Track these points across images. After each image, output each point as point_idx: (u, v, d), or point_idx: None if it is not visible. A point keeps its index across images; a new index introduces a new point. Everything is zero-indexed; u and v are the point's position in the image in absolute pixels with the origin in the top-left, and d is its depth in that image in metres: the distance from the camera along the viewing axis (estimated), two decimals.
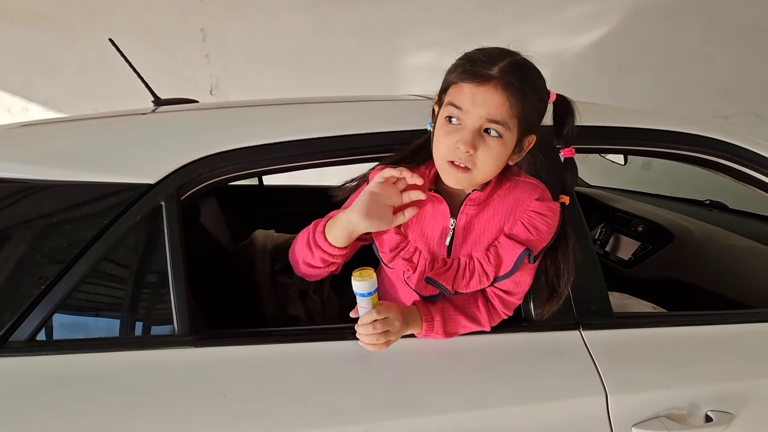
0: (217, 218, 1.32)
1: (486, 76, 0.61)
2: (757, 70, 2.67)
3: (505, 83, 0.60)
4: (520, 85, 0.61)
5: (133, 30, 2.75)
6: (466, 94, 0.62)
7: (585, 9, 2.69)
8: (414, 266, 0.71)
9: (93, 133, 0.78)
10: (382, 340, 0.65)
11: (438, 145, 0.66)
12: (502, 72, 0.61)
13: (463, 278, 0.71)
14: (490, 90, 0.61)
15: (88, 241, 0.65)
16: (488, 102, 0.61)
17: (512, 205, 0.70)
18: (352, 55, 2.78)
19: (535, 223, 0.69)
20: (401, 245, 0.72)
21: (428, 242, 0.72)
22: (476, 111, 0.61)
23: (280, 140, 0.73)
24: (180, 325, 0.66)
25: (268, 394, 0.64)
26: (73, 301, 0.65)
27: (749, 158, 0.88)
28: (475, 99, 0.61)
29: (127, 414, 0.61)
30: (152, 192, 0.68)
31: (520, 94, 0.61)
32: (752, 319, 0.85)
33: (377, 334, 0.64)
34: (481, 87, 0.61)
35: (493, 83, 0.60)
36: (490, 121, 0.62)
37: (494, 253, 0.70)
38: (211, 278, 0.99)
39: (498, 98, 0.61)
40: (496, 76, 0.60)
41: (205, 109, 0.88)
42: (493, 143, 0.63)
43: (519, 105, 0.61)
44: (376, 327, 0.64)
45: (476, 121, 0.62)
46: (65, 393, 0.62)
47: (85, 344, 0.65)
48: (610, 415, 0.71)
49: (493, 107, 0.61)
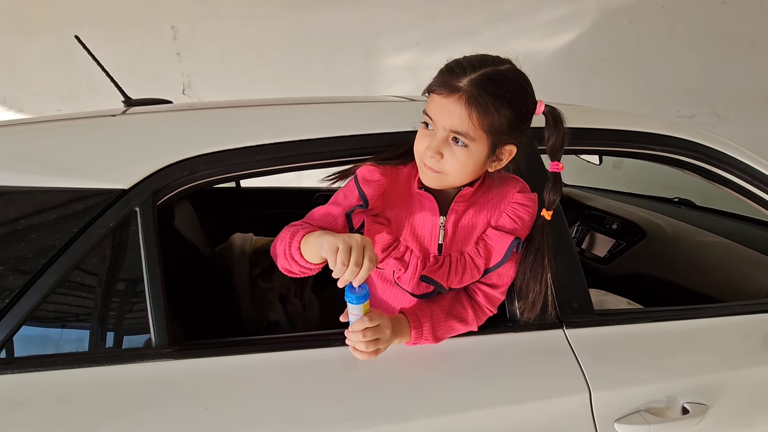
0: (192, 222, 1.28)
1: (453, 88, 0.61)
2: (717, 72, 2.80)
3: (468, 96, 0.60)
4: (484, 99, 0.60)
5: (99, 27, 2.64)
6: (435, 104, 0.64)
7: (557, 13, 2.76)
8: (406, 265, 0.71)
9: (61, 136, 0.74)
10: (371, 348, 0.64)
11: (416, 146, 0.68)
12: (470, 84, 0.60)
13: (456, 274, 0.72)
14: (453, 102, 0.61)
15: (57, 251, 0.61)
16: (451, 113, 0.62)
17: (497, 199, 0.73)
18: (329, 56, 2.76)
19: (518, 213, 0.72)
20: (392, 245, 0.71)
21: (419, 240, 0.72)
22: (441, 122, 0.63)
23: (263, 143, 0.71)
24: (157, 337, 0.62)
25: (253, 406, 0.62)
26: (41, 314, 0.61)
27: (718, 158, 0.91)
28: (441, 110, 0.63)
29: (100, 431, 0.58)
30: (126, 197, 0.64)
31: (484, 108, 0.60)
32: (723, 312, 0.89)
33: (367, 341, 0.63)
34: (446, 99, 0.62)
35: (457, 96, 0.61)
36: (453, 131, 0.63)
37: (483, 246, 0.72)
38: (187, 285, 0.96)
39: (459, 111, 0.61)
40: (462, 89, 0.61)
41: (181, 110, 0.85)
42: (458, 151, 0.64)
43: (483, 118, 0.61)
44: (367, 335, 0.63)
45: (442, 131, 0.64)
46: (32, 415, 0.58)
47: (55, 360, 0.61)
48: (594, 412, 0.73)
49: (456, 119, 0.61)
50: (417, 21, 2.71)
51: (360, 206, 0.69)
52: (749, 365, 0.83)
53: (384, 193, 0.72)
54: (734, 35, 2.75)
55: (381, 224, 0.71)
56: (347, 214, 0.70)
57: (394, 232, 0.72)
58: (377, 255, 0.70)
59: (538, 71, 2.87)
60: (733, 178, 0.94)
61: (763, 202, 0.96)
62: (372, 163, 0.71)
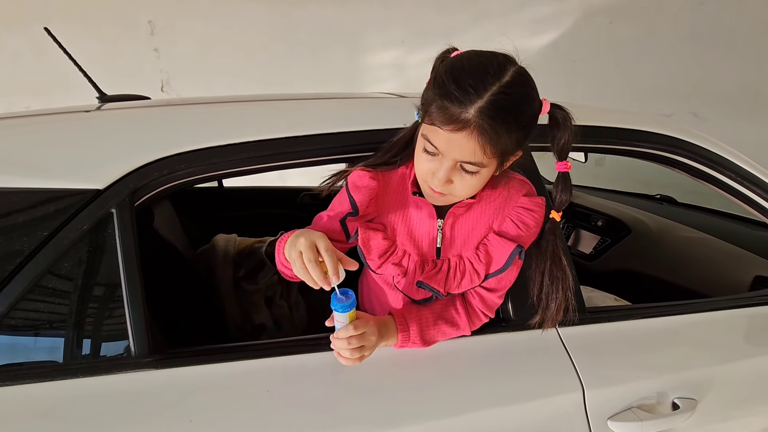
0: (173, 223, 1.23)
1: (461, 123, 0.55)
2: (694, 72, 2.87)
3: (481, 130, 0.55)
4: (497, 129, 0.55)
5: (72, 21, 2.54)
6: (441, 137, 0.57)
7: (540, 12, 2.79)
8: (404, 270, 0.69)
9: (31, 133, 0.69)
10: (356, 355, 0.62)
11: (417, 165, 0.64)
12: (479, 117, 0.54)
13: (455, 279, 0.69)
14: (464, 137, 0.55)
15: (26, 255, 0.57)
16: (462, 148, 0.57)
17: (501, 202, 0.69)
18: (313, 53, 2.72)
19: (523, 218, 0.68)
20: (390, 250, 0.69)
21: (417, 245, 0.69)
22: (450, 154, 0.58)
23: (247, 140, 0.68)
24: (137, 346, 0.59)
25: (241, 415, 0.59)
26: (10, 323, 0.57)
27: (705, 156, 0.92)
28: (450, 144, 0.57)
29: None
30: (101, 198, 0.60)
31: (497, 137, 0.55)
32: (710, 307, 0.90)
33: (352, 348, 0.62)
34: (455, 134, 0.56)
35: (468, 130, 0.55)
36: (464, 162, 0.59)
37: (484, 251, 0.68)
38: (168, 289, 0.92)
39: (472, 145, 0.56)
40: (472, 122, 0.54)
41: (160, 106, 0.81)
42: (468, 177, 0.61)
43: (496, 146, 0.57)
44: (352, 342, 0.62)
45: (450, 162, 0.59)
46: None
47: (26, 373, 0.57)
48: (587, 410, 0.72)
49: (468, 153, 0.57)
50: (402, 19, 2.69)
51: (350, 214, 0.67)
52: (735, 359, 0.85)
53: (377, 198, 0.69)
54: (711, 36, 2.82)
55: (376, 230, 0.69)
56: (341, 222, 0.68)
57: (390, 236, 0.69)
58: (375, 261, 0.68)
59: None
60: (720, 176, 0.95)
61: (748, 199, 0.97)
62: (362, 168, 0.68)
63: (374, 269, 0.70)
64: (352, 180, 0.67)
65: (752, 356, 0.86)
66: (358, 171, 0.67)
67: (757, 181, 0.95)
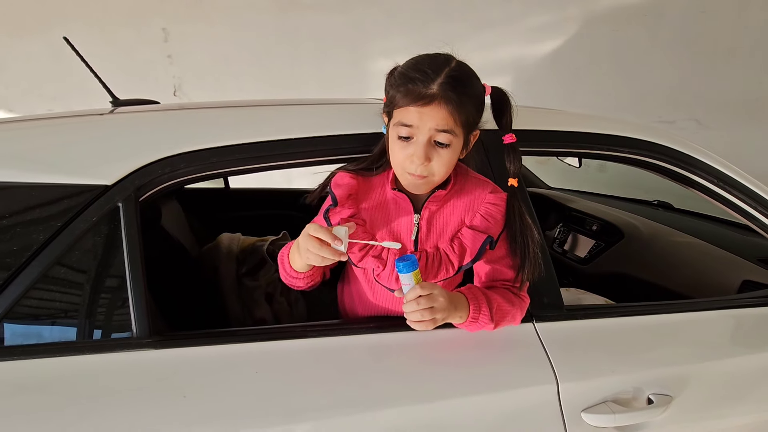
0: (180, 222, 1.29)
1: (428, 96, 0.65)
2: (697, 79, 2.88)
3: (447, 99, 0.66)
4: (460, 98, 0.66)
5: (89, 27, 2.65)
6: (413, 114, 0.67)
7: (542, 20, 2.82)
8: (384, 262, 0.74)
9: (48, 134, 0.76)
10: (428, 316, 0.65)
11: (394, 156, 0.72)
12: (442, 88, 0.65)
13: (432, 268, 0.75)
14: (434, 108, 0.66)
15: (41, 244, 0.63)
16: (435, 117, 0.66)
17: (469, 200, 0.77)
18: (317, 59, 2.79)
19: (490, 212, 0.76)
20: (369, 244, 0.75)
21: (396, 238, 0.76)
22: (425, 126, 0.67)
23: (243, 141, 0.73)
24: (139, 328, 0.65)
25: (230, 393, 0.64)
26: (25, 305, 0.63)
27: (682, 160, 0.96)
28: (422, 117, 0.67)
29: (83, 419, 0.60)
30: (109, 193, 0.67)
31: (460, 105, 0.66)
32: (687, 308, 0.92)
33: (422, 309, 0.65)
34: (426, 107, 0.66)
35: (436, 102, 0.66)
36: (438, 131, 0.67)
37: (458, 244, 0.75)
38: (174, 284, 0.98)
39: (442, 113, 0.66)
40: (438, 95, 0.65)
41: (166, 110, 0.87)
42: (443, 152, 0.69)
43: (461, 114, 0.67)
44: (421, 302, 0.65)
45: (426, 134, 0.68)
46: (16, 401, 0.60)
47: (38, 349, 0.63)
48: (561, 401, 0.75)
49: (440, 120, 0.67)
50: (405, 26, 2.75)
51: (331, 206, 0.74)
52: (713, 358, 0.86)
53: (357, 195, 0.76)
54: (713, 43, 2.83)
55: (357, 225, 0.74)
56: (324, 216, 0.75)
57: (369, 231, 0.76)
58: (356, 254, 0.75)
59: (522, 77, 2.93)
60: (699, 179, 0.98)
61: (728, 202, 1.00)
62: (343, 170, 0.76)
63: (356, 263, 0.76)
64: (334, 180, 0.76)
65: (730, 356, 0.88)
66: (340, 172, 0.76)
67: (734, 183, 0.97)
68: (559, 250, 1.73)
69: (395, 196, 0.76)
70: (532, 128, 0.90)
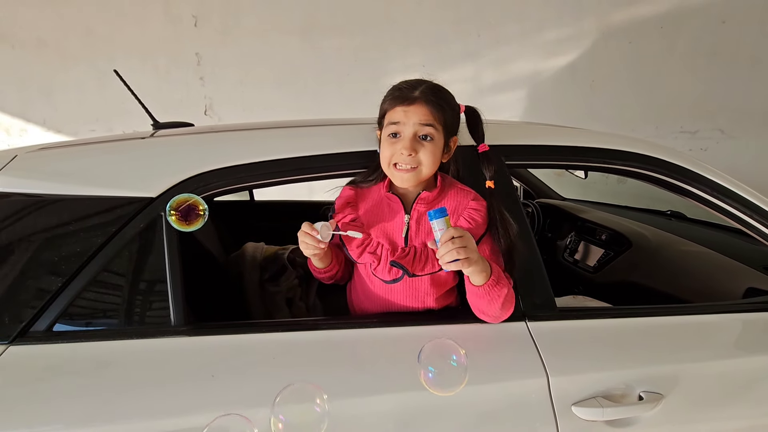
0: (209, 231, 1.41)
1: (412, 98, 0.82)
2: (719, 89, 2.85)
3: (427, 100, 0.82)
4: (438, 101, 0.83)
5: (130, 56, 2.89)
6: (400, 112, 0.83)
7: (558, 34, 2.86)
8: (378, 258, 0.86)
9: (102, 154, 0.90)
10: (462, 255, 0.72)
11: (383, 153, 0.85)
12: (423, 93, 0.82)
13: (420, 262, 0.85)
14: (418, 106, 0.82)
15: (99, 246, 0.76)
16: (418, 113, 0.82)
17: (454, 205, 0.88)
18: (340, 77, 2.92)
19: (473, 216, 0.86)
20: (366, 242, 0.87)
21: (388, 236, 0.87)
22: (410, 121, 0.82)
23: (266, 159, 0.85)
24: (176, 317, 0.76)
25: (251, 374, 0.74)
26: (86, 296, 0.76)
27: (673, 170, 1.01)
28: (408, 114, 0.82)
29: (129, 391, 0.71)
30: (153, 204, 0.80)
31: (438, 107, 0.82)
32: (681, 312, 0.96)
33: (457, 248, 0.72)
34: (411, 106, 0.82)
35: (419, 102, 0.82)
36: (422, 125, 0.82)
37: None
38: (205, 287, 1.10)
39: (424, 110, 0.82)
40: (420, 97, 0.82)
41: (200, 133, 1.00)
42: (427, 144, 0.83)
43: (439, 113, 0.83)
44: (456, 242, 0.73)
45: (411, 128, 0.82)
46: (76, 377, 0.72)
47: (94, 334, 0.75)
48: (552, 394, 0.81)
49: (422, 115, 0.82)
50: (422, 45, 2.85)
51: (331, 213, 0.91)
52: (706, 359, 0.88)
53: (356, 202, 0.90)
54: (735, 53, 2.80)
55: (355, 225, 0.87)
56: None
57: (367, 231, 0.88)
58: (355, 251, 0.86)
59: (539, 91, 3.00)
60: (693, 189, 1.02)
61: (724, 210, 1.04)
62: (347, 185, 0.92)
63: (355, 258, 0.88)
64: (339, 194, 0.92)
65: (724, 358, 0.90)
66: (344, 187, 0.92)
67: (727, 192, 1.01)
68: (570, 259, 1.77)
69: (388, 197, 0.88)
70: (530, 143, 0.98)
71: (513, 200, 0.91)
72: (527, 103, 2.92)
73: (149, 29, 2.87)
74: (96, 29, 2.87)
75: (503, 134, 0.98)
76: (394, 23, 2.83)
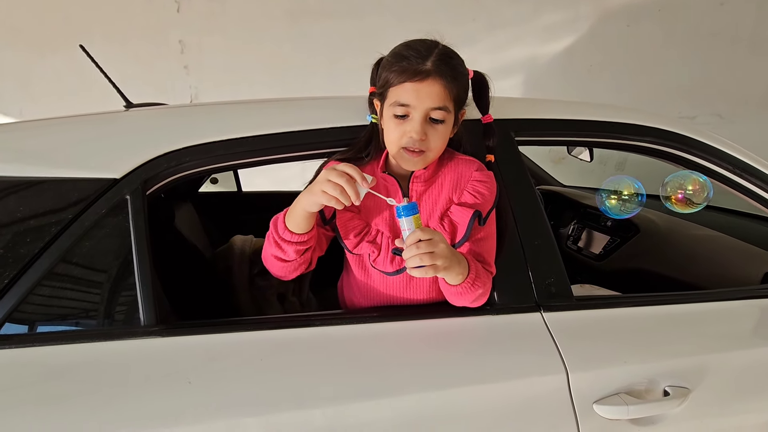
0: (194, 224, 1.32)
1: (424, 72, 0.69)
2: (716, 73, 2.80)
3: (441, 72, 0.69)
4: (452, 72, 0.71)
5: (111, 44, 2.76)
6: (410, 91, 0.70)
7: (555, 18, 2.80)
8: (378, 247, 0.76)
9: (61, 132, 0.79)
10: (427, 261, 0.63)
11: (390, 135, 0.73)
12: (436, 65, 0.69)
13: None
14: (430, 83, 0.69)
15: (53, 235, 0.66)
16: (431, 94, 0.70)
17: (456, 179, 0.78)
18: (330, 65, 2.82)
19: (478, 189, 0.77)
20: (364, 230, 0.76)
21: (387, 222, 0.77)
22: (422, 104, 0.70)
23: (246, 135, 0.75)
24: (146, 316, 0.66)
25: (234, 379, 0.65)
26: (38, 293, 0.65)
27: (696, 147, 0.93)
28: (419, 94, 0.70)
29: (90, 403, 0.61)
30: (117, 186, 0.69)
31: (453, 80, 0.71)
32: (704, 299, 0.89)
33: (422, 253, 0.63)
34: (422, 83, 0.69)
35: (431, 77, 0.69)
36: (434, 109, 0.70)
37: (448, 221, 0.76)
38: (189, 283, 1.00)
39: (438, 88, 0.70)
40: (433, 71, 0.69)
41: (172, 108, 0.90)
42: (439, 127, 0.73)
43: (454, 89, 0.71)
44: (421, 246, 0.63)
45: (422, 112, 0.71)
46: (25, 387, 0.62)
47: (49, 337, 0.65)
48: (572, 392, 0.74)
49: (436, 96, 0.70)
50: (416, 30, 2.76)
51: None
52: (733, 349, 0.83)
53: None
54: (733, 36, 2.75)
55: (351, 212, 0.76)
56: None
57: (363, 218, 0.77)
58: (351, 240, 0.76)
59: (537, 76, 2.92)
60: (714, 167, 0.95)
61: (745, 189, 0.97)
62: (334, 159, 0.77)
63: (351, 248, 0.77)
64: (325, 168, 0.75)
65: (753, 348, 0.84)
66: (331, 162, 0.76)
67: (755, 172, 0.94)
68: (573, 248, 1.70)
69: (384, 179, 0.78)
70: (541, 117, 0.89)
71: (523, 179, 0.83)
72: (524, 89, 2.84)
73: (129, 16, 2.74)
74: (73, 16, 2.74)
75: (512, 108, 0.90)
76: (386, 8, 2.74)
